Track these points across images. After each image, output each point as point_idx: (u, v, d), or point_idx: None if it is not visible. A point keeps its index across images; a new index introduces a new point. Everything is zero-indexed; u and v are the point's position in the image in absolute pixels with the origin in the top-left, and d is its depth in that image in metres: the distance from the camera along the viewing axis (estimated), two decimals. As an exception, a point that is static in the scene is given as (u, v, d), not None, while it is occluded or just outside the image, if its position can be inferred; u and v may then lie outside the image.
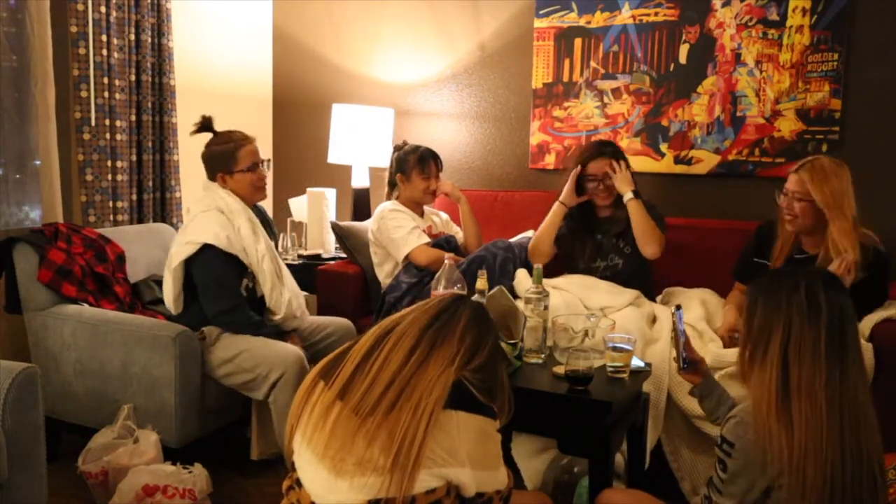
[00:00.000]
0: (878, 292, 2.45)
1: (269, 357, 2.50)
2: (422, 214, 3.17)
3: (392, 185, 3.20)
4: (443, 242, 3.03)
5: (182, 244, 2.53)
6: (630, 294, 2.74)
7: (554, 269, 3.02)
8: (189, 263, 2.54)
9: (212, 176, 2.66)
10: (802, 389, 1.37)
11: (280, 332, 2.69)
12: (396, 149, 3.20)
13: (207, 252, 2.50)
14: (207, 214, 2.55)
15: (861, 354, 1.42)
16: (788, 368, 1.38)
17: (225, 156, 2.63)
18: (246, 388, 2.54)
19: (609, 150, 2.87)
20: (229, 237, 2.51)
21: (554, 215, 2.90)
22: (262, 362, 2.49)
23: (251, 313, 2.59)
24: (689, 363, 1.84)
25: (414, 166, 3.07)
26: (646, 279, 2.90)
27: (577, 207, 2.92)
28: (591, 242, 2.92)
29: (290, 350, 2.54)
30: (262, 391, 2.50)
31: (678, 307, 1.92)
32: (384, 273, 3.09)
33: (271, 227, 2.87)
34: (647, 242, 2.76)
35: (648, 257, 2.79)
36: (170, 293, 2.58)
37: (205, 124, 2.70)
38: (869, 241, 2.41)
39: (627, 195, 2.78)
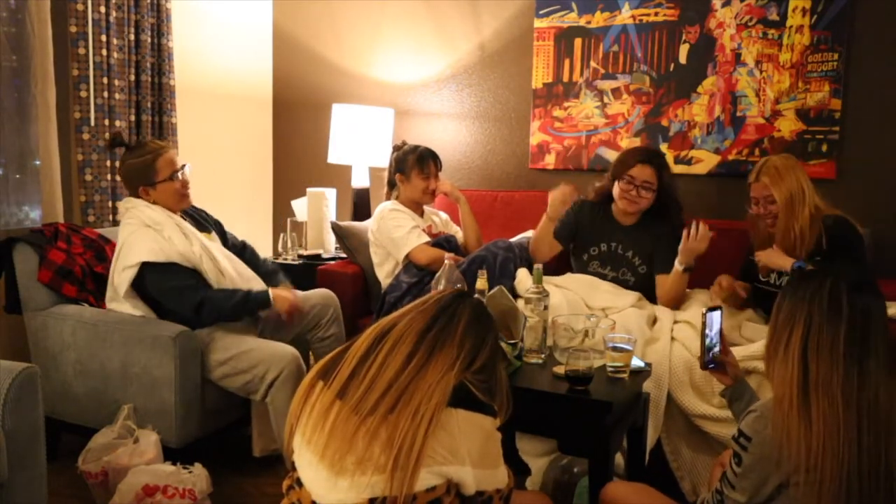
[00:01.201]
0: (851, 256, 2.46)
1: (264, 357, 2.50)
2: (422, 214, 3.17)
3: (391, 185, 3.20)
4: (443, 242, 3.03)
5: (120, 272, 2.53)
6: (632, 296, 2.74)
7: (557, 267, 3.02)
8: (139, 287, 2.55)
9: (133, 191, 2.63)
10: (820, 387, 1.37)
11: (277, 326, 2.72)
12: (395, 149, 3.20)
13: (149, 270, 2.50)
14: (135, 234, 2.53)
15: (888, 359, 1.39)
16: (808, 365, 1.39)
17: (143, 168, 2.59)
18: (244, 391, 2.54)
19: (658, 161, 2.78)
20: (163, 248, 2.50)
21: (543, 229, 2.89)
22: (259, 363, 2.49)
23: (220, 293, 2.55)
24: (717, 363, 1.83)
25: (413, 166, 3.07)
26: (648, 284, 2.89)
27: (594, 208, 2.90)
28: (604, 249, 2.87)
29: (286, 350, 2.55)
30: (259, 392, 2.50)
31: (712, 308, 1.89)
32: (384, 273, 3.09)
33: (210, 223, 2.85)
34: (671, 302, 2.74)
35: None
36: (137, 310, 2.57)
37: (115, 139, 2.69)
38: (834, 212, 2.50)
39: (682, 266, 2.66)
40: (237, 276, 2.67)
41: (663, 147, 3.35)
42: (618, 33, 3.40)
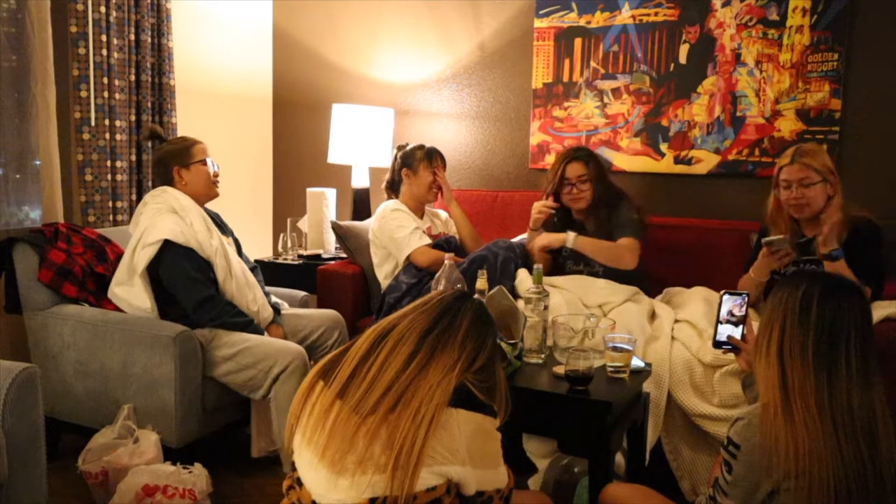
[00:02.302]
0: (877, 266, 2.45)
1: (270, 352, 2.51)
2: (422, 215, 3.18)
3: (393, 186, 3.21)
4: (443, 243, 3.03)
5: (140, 250, 2.56)
6: (628, 290, 2.74)
7: (554, 268, 3.02)
8: (153, 268, 2.57)
9: (166, 175, 2.72)
10: (797, 393, 1.37)
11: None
12: (400, 148, 3.22)
13: (168, 249, 2.54)
14: (161, 216, 2.59)
15: (863, 365, 1.38)
16: (785, 369, 1.39)
17: (181, 150, 2.73)
18: (247, 388, 2.55)
19: (582, 154, 2.89)
20: (184, 232, 2.56)
21: (529, 240, 2.94)
22: (264, 358, 2.50)
23: (228, 303, 2.63)
24: (732, 346, 1.83)
25: (421, 160, 3.11)
26: (640, 276, 2.90)
27: (559, 213, 2.93)
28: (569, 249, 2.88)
29: (291, 346, 2.56)
30: (263, 388, 2.51)
31: (733, 293, 1.88)
32: (383, 273, 3.09)
33: (229, 230, 2.91)
34: (615, 263, 2.79)
35: (628, 269, 2.79)
36: (144, 303, 2.59)
37: (153, 133, 2.85)
38: (861, 213, 2.49)
39: (569, 241, 2.77)
40: (244, 279, 2.70)
41: (663, 147, 3.35)
42: (618, 33, 3.40)
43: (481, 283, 2.22)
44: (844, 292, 1.43)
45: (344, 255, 3.41)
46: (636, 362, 2.13)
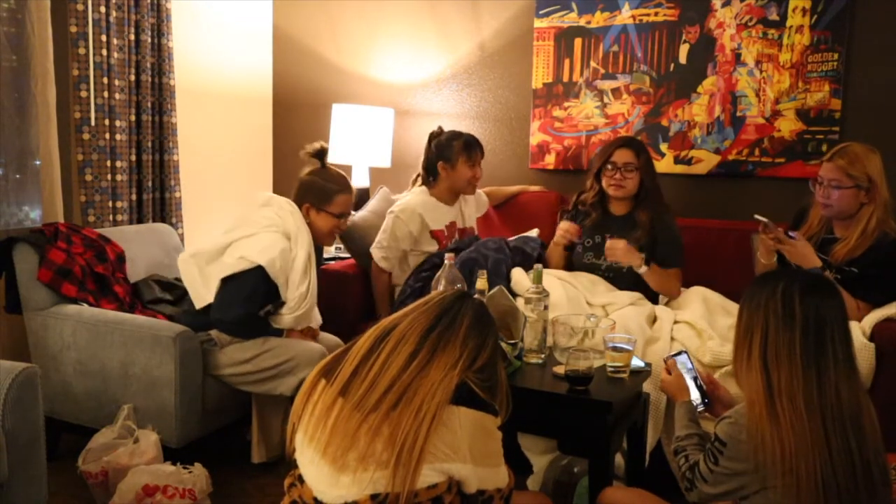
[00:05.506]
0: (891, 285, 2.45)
1: (291, 353, 2.49)
2: (454, 202, 3.14)
3: (429, 173, 3.11)
4: (454, 249, 2.98)
5: (236, 257, 2.49)
6: (632, 294, 2.74)
7: (567, 261, 3.03)
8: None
9: (300, 200, 2.64)
10: (783, 392, 1.38)
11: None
12: (434, 136, 3.11)
13: (256, 271, 2.45)
14: (271, 235, 2.51)
15: (847, 356, 1.41)
16: (769, 372, 1.40)
17: (324, 192, 2.63)
18: (264, 387, 2.52)
19: (635, 144, 2.90)
20: (282, 267, 2.48)
21: (552, 250, 2.96)
22: (287, 358, 2.48)
23: (264, 321, 2.57)
24: (709, 400, 1.85)
25: (460, 153, 3.01)
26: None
27: (587, 212, 2.94)
28: (597, 240, 2.90)
29: (314, 347, 2.55)
30: (287, 384, 2.48)
31: (679, 353, 1.96)
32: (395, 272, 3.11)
33: (320, 256, 2.88)
34: (665, 293, 2.84)
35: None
36: (203, 296, 2.52)
37: (320, 153, 2.70)
38: (891, 229, 2.48)
39: (642, 270, 2.74)
40: (310, 305, 2.62)
41: (663, 147, 3.35)
42: (618, 33, 3.40)
43: (481, 283, 2.22)
44: (822, 287, 1.45)
45: (345, 255, 3.41)
46: (636, 362, 2.13)
